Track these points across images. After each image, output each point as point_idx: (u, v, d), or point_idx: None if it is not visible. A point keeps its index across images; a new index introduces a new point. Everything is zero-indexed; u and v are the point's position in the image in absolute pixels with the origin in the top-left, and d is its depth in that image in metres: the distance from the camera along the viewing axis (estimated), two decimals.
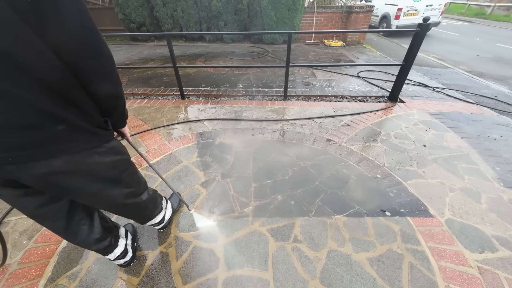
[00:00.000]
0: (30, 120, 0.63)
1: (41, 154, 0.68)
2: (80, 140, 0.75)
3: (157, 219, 1.36)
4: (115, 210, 1.09)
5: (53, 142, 0.69)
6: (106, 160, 0.84)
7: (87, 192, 0.85)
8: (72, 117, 0.70)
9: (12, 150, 0.65)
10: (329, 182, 1.90)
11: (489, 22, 11.83)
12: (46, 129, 0.66)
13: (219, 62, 5.20)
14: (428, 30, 2.81)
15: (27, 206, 0.83)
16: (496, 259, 1.36)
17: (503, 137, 2.49)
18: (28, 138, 0.65)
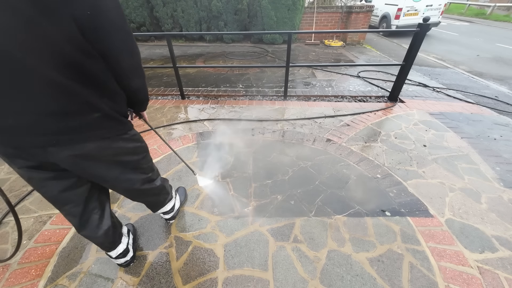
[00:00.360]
0: (75, 107, 0.74)
1: (80, 138, 0.79)
2: (110, 127, 0.86)
3: (168, 207, 1.42)
4: (132, 194, 1.16)
5: (90, 128, 0.80)
6: (129, 146, 0.95)
7: (110, 175, 0.95)
8: (106, 106, 0.80)
9: (57, 133, 0.75)
10: (329, 182, 1.90)
11: (489, 22, 11.83)
12: (86, 116, 0.77)
13: (219, 62, 5.20)
14: (428, 30, 2.81)
15: (52, 190, 0.90)
16: (496, 259, 1.36)
17: (503, 137, 2.49)
18: (71, 123, 0.75)
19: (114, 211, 1.67)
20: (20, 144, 0.75)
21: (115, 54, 0.75)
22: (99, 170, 0.91)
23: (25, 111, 0.69)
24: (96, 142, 0.83)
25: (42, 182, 0.87)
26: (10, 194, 1.83)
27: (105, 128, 0.84)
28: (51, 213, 1.67)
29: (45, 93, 0.68)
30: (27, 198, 1.79)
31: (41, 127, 0.72)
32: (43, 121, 0.72)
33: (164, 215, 1.49)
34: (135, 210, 1.68)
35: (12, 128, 0.71)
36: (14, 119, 0.70)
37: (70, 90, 0.70)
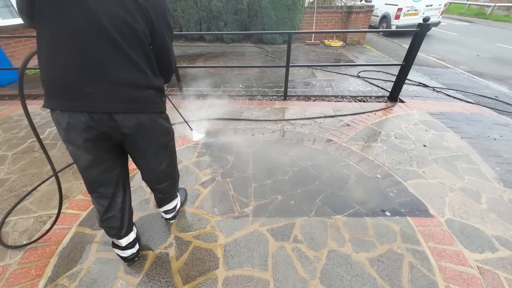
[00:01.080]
0: (142, 82, 0.93)
1: (139, 108, 0.96)
2: (158, 103, 1.04)
3: (172, 205, 1.49)
4: (156, 176, 1.25)
5: (146, 101, 0.98)
6: (165, 125, 1.13)
7: (150, 150, 1.11)
8: (157, 85, 1.01)
9: (127, 102, 0.91)
10: (329, 182, 1.90)
11: (489, 22, 11.83)
12: (146, 91, 0.96)
13: (219, 62, 5.20)
14: (428, 30, 2.81)
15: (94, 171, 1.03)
16: (496, 259, 1.36)
17: (503, 137, 2.49)
18: (137, 95, 0.93)
19: None
20: (94, 109, 0.87)
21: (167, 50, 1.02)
22: (145, 143, 1.06)
23: (105, 79, 0.85)
24: (148, 115, 1.00)
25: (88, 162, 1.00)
26: (10, 194, 1.83)
27: (155, 104, 1.02)
28: (51, 213, 1.67)
29: (122, 67, 0.86)
30: (27, 198, 1.79)
31: (114, 95, 0.88)
32: (117, 90, 0.88)
33: (166, 214, 1.52)
34: (135, 210, 1.68)
35: (90, 94, 0.84)
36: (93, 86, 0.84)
37: (140, 68, 0.90)
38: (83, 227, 1.57)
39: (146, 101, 0.97)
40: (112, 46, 0.81)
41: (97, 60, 0.81)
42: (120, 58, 0.84)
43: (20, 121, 2.89)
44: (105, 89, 0.85)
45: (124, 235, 1.24)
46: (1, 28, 4.36)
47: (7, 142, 2.49)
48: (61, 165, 2.12)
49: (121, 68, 0.86)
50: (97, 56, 0.81)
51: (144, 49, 0.90)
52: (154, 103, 1.01)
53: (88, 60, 0.80)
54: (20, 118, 2.97)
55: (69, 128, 0.89)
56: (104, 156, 1.03)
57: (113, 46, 0.81)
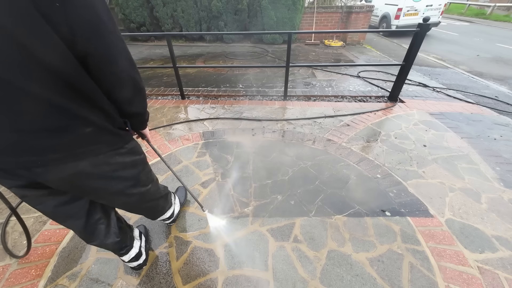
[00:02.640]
0: (64, 123, 0.65)
1: (70, 156, 0.70)
2: (105, 141, 0.77)
3: (168, 214, 1.41)
4: (130, 208, 1.12)
5: (81, 144, 0.71)
6: (127, 160, 0.86)
7: (107, 192, 0.87)
8: (98, 119, 0.72)
9: (43, 153, 0.66)
10: (329, 182, 1.90)
11: (489, 22, 11.82)
12: (77, 132, 0.68)
13: (219, 62, 5.20)
14: (428, 30, 2.81)
15: (49, 206, 0.84)
16: (496, 259, 1.36)
17: (503, 137, 2.49)
18: (59, 141, 0.66)
19: None
20: (3, 165, 0.67)
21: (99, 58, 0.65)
22: (95, 187, 0.82)
23: (5, 128, 0.60)
24: (89, 159, 0.74)
25: (37, 199, 0.81)
26: (10, 194, 1.83)
27: (99, 143, 0.75)
28: None
29: (29, 110, 0.59)
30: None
31: (24, 146, 0.63)
32: (27, 140, 0.63)
33: (165, 221, 1.50)
34: None
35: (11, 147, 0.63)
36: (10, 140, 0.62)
37: (55, 104, 0.61)
38: None
39: (80, 145, 0.71)
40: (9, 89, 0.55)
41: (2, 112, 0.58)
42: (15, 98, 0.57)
43: None
44: (8, 140, 0.62)
45: (123, 254, 1.18)
46: None
47: None
48: None
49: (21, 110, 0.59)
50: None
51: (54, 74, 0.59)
52: (97, 143, 0.74)
53: None
54: None
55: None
56: (56, 190, 0.80)
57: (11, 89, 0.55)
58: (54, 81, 0.59)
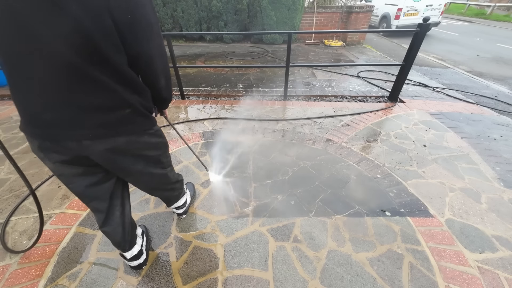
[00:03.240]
0: (111, 103, 0.79)
1: (112, 132, 0.84)
2: (138, 122, 0.91)
3: (181, 202, 1.51)
4: (151, 188, 1.23)
5: (122, 123, 0.85)
6: (152, 141, 1.00)
7: (134, 169, 0.99)
8: (136, 103, 0.85)
9: (93, 127, 0.80)
10: (329, 182, 1.90)
11: (489, 22, 11.83)
12: (119, 112, 0.83)
13: (219, 62, 5.20)
14: (428, 30, 2.81)
15: (80, 186, 0.95)
16: (496, 259, 1.36)
17: (503, 137, 2.49)
18: (106, 118, 0.81)
19: None
20: (57, 137, 0.79)
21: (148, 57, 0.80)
22: (126, 163, 0.95)
23: (67, 105, 0.74)
24: (126, 137, 0.88)
25: (71, 178, 0.93)
26: (10, 194, 1.83)
27: (134, 123, 0.89)
28: (51, 213, 1.67)
29: (87, 89, 0.73)
30: (27, 198, 1.79)
31: (79, 121, 0.77)
32: (82, 116, 0.77)
33: (177, 210, 1.55)
34: (135, 210, 1.68)
35: (52, 122, 0.76)
36: (54, 113, 0.74)
37: (108, 87, 0.75)
38: (83, 227, 1.57)
39: (120, 123, 0.84)
40: (67, 67, 0.68)
41: (54, 85, 0.70)
42: (79, 80, 0.71)
43: None
44: (67, 115, 0.75)
45: (128, 249, 1.22)
46: None
47: (7, 142, 2.48)
48: None
49: (83, 90, 0.73)
50: (53, 81, 0.70)
51: (110, 63, 0.72)
52: (133, 123, 0.88)
53: (45, 87, 0.70)
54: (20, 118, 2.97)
55: (40, 151, 0.84)
56: (89, 170, 0.93)
57: (69, 67, 0.68)
58: (110, 70, 0.74)
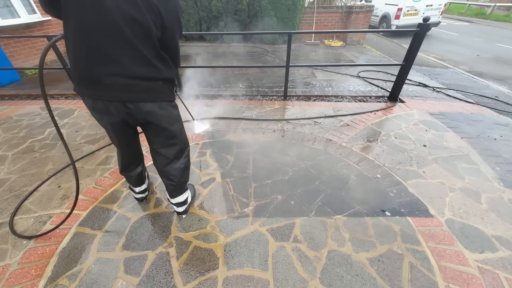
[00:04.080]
0: (152, 75, 1.06)
1: (149, 98, 1.10)
2: (166, 93, 1.18)
3: (184, 197, 1.57)
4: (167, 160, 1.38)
5: (155, 91, 1.11)
6: (174, 113, 1.27)
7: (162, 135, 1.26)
8: (167, 76, 1.13)
9: (137, 92, 1.06)
10: (329, 182, 1.90)
11: (489, 22, 11.83)
12: (156, 82, 1.09)
13: (219, 62, 5.20)
14: (428, 30, 2.81)
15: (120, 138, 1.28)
16: (496, 259, 1.36)
17: (503, 137, 2.49)
18: (147, 86, 1.07)
19: (114, 211, 1.67)
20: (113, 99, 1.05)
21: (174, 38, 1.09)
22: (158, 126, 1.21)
23: (122, 74, 0.99)
24: (157, 103, 1.14)
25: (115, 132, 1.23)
26: (10, 194, 1.83)
27: (164, 93, 1.15)
28: (51, 213, 1.67)
29: (138, 63, 0.99)
30: (27, 198, 1.79)
31: (128, 87, 1.03)
32: (132, 83, 1.02)
33: (178, 207, 1.58)
34: (135, 210, 1.68)
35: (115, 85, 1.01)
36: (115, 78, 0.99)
37: (151, 63, 1.02)
38: (83, 227, 1.57)
39: (156, 91, 1.11)
40: (125, 43, 0.93)
41: (113, 56, 0.95)
42: (133, 54, 0.96)
43: (20, 121, 2.89)
44: (121, 82, 1.00)
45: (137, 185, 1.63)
46: (1, 28, 4.36)
47: (7, 142, 2.49)
48: (61, 165, 2.12)
49: (134, 63, 0.98)
50: (113, 53, 0.94)
51: (154, 45, 1.00)
52: (163, 92, 1.15)
53: (106, 57, 0.94)
54: (20, 118, 2.97)
55: (94, 111, 1.11)
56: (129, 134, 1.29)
57: (127, 43, 0.93)
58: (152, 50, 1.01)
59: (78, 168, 2.09)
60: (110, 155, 2.25)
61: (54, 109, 3.19)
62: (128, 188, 1.59)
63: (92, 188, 1.87)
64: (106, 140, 2.46)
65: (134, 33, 0.92)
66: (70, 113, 3.05)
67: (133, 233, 1.53)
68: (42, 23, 5.10)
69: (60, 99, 3.56)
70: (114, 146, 2.36)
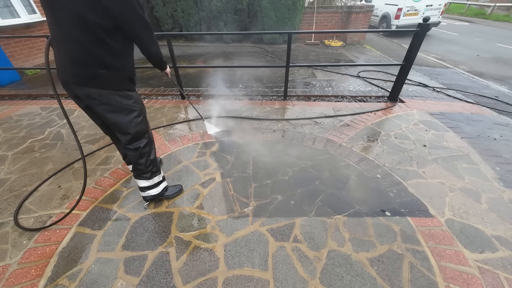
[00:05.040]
0: (92, 62, 1.16)
1: (87, 83, 1.21)
2: (111, 82, 1.25)
3: (144, 183, 1.58)
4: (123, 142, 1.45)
5: (96, 78, 1.20)
6: (122, 102, 1.32)
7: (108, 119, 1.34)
8: (111, 66, 1.21)
9: (77, 76, 1.19)
10: (329, 182, 1.90)
11: (489, 22, 11.82)
12: (96, 69, 1.18)
13: (219, 62, 5.20)
14: (428, 30, 2.81)
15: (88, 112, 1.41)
16: (496, 259, 1.36)
17: (503, 137, 2.49)
18: (86, 72, 1.18)
19: (114, 211, 1.67)
20: (64, 79, 1.22)
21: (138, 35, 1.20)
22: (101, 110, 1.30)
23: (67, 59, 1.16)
24: (97, 89, 1.23)
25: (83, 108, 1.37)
26: (10, 194, 1.83)
27: (107, 82, 1.23)
28: (51, 213, 1.67)
29: (78, 51, 1.12)
30: (27, 198, 1.79)
31: (70, 70, 1.18)
32: (72, 67, 1.17)
33: (141, 191, 1.62)
34: (135, 210, 1.68)
35: (63, 69, 1.19)
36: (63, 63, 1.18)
37: (91, 52, 1.13)
38: (83, 227, 1.57)
39: (93, 77, 1.19)
40: (71, 35, 1.09)
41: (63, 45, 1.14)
42: (75, 43, 1.10)
43: (20, 121, 2.89)
44: (66, 65, 1.18)
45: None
46: (1, 28, 4.36)
47: (7, 142, 2.49)
48: (61, 165, 2.12)
49: (74, 51, 1.12)
50: (62, 42, 1.13)
51: (98, 36, 1.09)
52: (105, 81, 1.22)
53: (59, 45, 1.15)
54: (20, 118, 2.97)
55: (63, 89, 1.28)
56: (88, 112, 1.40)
57: (71, 35, 1.09)
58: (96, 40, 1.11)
59: (78, 168, 2.09)
60: (110, 155, 2.25)
61: (54, 109, 3.19)
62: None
63: (92, 188, 1.87)
64: (106, 140, 2.46)
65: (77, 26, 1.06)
66: (70, 113, 3.05)
67: (133, 233, 1.53)
68: (42, 23, 5.10)
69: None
70: (114, 147, 2.36)
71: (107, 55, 1.16)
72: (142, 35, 1.21)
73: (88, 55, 1.13)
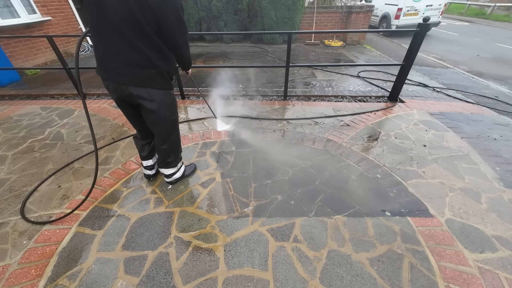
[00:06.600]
0: (142, 63, 1.24)
1: (140, 83, 1.30)
2: (159, 82, 1.35)
3: (169, 171, 1.80)
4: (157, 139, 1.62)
5: (146, 79, 1.30)
6: (167, 101, 1.44)
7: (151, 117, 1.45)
8: (161, 67, 1.31)
9: (128, 76, 1.27)
10: (329, 182, 1.90)
11: (489, 22, 11.83)
12: (148, 70, 1.28)
13: (219, 62, 5.20)
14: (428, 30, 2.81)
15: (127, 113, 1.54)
16: (496, 259, 1.36)
17: (503, 137, 2.49)
18: (138, 72, 1.27)
19: (114, 211, 1.67)
20: (117, 80, 1.29)
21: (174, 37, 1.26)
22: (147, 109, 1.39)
23: (117, 60, 1.23)
24: (147, 89, 1.33)
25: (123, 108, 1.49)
26: (10, 194, 1.83)
27: (156, 81, 1.33)
28: (51, 213, 1.67)
29: (130, 52, 1.19)
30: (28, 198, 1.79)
31: (121, 71, 1.25)
32: (124, 68, 1.24)
33: (165, 177, 1.85)
34: (135, 210, 1.68)
35: (113, 69, 1.26)
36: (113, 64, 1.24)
37: (142, 52, 1.20)
38: (83, 227, 1.57)
39: (145, 78, 1.28)
40: (121, 36, 1.14)
41: (112, 46, 1.19)
42: (126, 44, 1.17)
43: (20, 121, 2.89)
44: (116, 66, 1.24)
45: (145, 159, 1.82)
46: (1, 28, 4.36)
47: (7, 142, 2.49)
48: (61, 165, 2.12)
49: (126, 52, 1.19)
50: (112, 44, 1.18)
51: (148, 37, 1.17)
52: (154, 80, 1.32)
53: (108, 46, 1.20)
54: (20, 118, 2.97)
55: (107, 89, 1.37)
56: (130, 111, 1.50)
57: (121, 36, 1.15)
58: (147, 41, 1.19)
59: (78, 168, 2.09)
60: (110, 155, 2.25)
61: (54, 109, 3.19)
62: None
63: None
64: (106, 140, 2.46)
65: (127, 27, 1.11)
66: (70, 113, 3.05)
67: (133, 233, 1.53)
68: (42, 23, 5.10)
69: (60, 99, 3.56)
70: (114, 147, 2.36)
71: (157, 55, 1.25)
72: (177, 37, 1.26)
73: (139, 55, 1.20)
